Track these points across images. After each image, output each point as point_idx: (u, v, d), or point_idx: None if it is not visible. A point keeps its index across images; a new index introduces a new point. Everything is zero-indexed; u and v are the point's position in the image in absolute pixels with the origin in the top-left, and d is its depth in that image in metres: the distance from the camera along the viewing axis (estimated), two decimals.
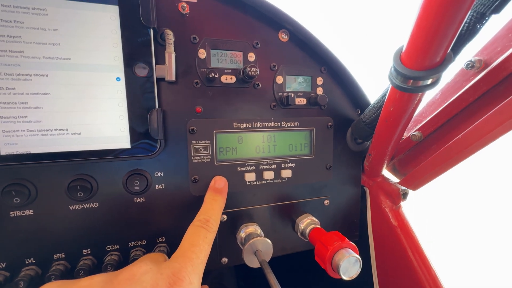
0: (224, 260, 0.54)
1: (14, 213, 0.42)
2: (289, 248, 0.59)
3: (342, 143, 0.61)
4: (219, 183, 0.49)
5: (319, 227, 0.54)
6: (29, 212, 0.42)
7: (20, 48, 0.37)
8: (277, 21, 0.52)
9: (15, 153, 0.38)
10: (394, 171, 0.63)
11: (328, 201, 0.61)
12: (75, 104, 0.40)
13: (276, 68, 0.53)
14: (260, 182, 0.54)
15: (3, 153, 0.37)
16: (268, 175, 0.54)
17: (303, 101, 0.56)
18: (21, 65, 0.37)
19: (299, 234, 0.57)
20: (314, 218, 0.58)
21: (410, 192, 0.58)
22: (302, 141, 0.57)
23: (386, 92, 0.46)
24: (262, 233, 0.54)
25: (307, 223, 0.56)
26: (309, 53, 0.55)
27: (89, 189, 0.44)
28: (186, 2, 0.46)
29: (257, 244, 0.48)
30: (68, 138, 0.40)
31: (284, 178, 0.56)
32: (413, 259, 0.55)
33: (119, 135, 0.42)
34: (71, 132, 0.40)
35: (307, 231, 0.55)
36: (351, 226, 0.65)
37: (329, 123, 0.58)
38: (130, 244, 0.48)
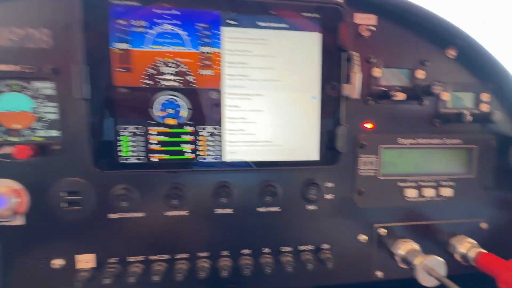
0: (379, 273, 0.55)
1: (218, 211, 0.49)
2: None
3: (506, 163, 0.57)
4: None
5: (486, 251, 0.51)
6: (228, 210, 0.49)
7: (246, 72, 0.44)
8: (446, 37, 0.51)
9: (234, 160, 0.45)
10: None
11: (485, 224, 0.57)
12: (280, 119, 0.45)
13: (442, 84, 0.53)
14: (419, 199, 0.54)
15: (226, 159, 0.45)
16: (428, 192, 0.53)
17: (468, 119, 0.54)
18: (245, 87, 0.44)
19: (457, 256, 0.54)
20: (473, 241, 0.54)
21: None
22: (463, 159, 0.55)
23: None
24: (421, 251, 0.53)
25: (468, 246, 0.53)
26: (478, 68, 0.54)
27: (276, 193, 0.49)
28: (367, 25, 0.49)
29: (430, 263, 0.47)
30: (272, 150, 0.46)
31: (443, 196, 0.54)
32: None
33: (310, 148, 0.47)
34: (275, 144, 0.46)
35: (471, 254, 0.52)
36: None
37: (493, 142, 0.55)
38: (299, 247, 0.52)
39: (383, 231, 0.54)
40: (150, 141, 0.43)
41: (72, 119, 0.44)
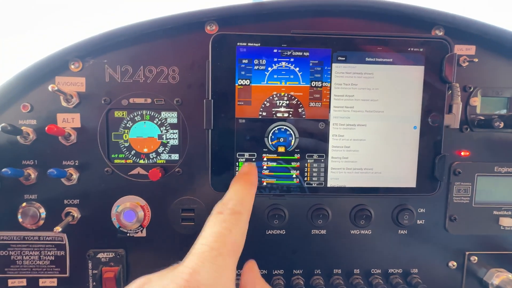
0: None
1: (314, 232, 0.52)
2: None
3: None
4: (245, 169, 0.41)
5: None
6: (323, 231, 0.52)
7: (351, 104, 0.46)
8: None
9: (336, 186, 0.48)
10: None
11: None
12: (381, 148, 0.47)
13: None
14: None
15: (329, 185, 0.48)
16: None
17: None
18: (350, 118, 0.47)
19: None
20: None
21: None
22: None
23: None
24: None
25: None
26: None
27: (369, 217, 0.51)
28: (468, 56, 0.50)
29: None
30: (371, 177, 0.48)
31: None
32: None
33: (408, 175, 0.48)
34: (375, 171, 0.48)
35: None
36: None
37: None
38: (389, 270, 0.53)
39: (474, 259, 0.53)
40: (263, 166, 0.47)
41: (190, 145, 0.49)
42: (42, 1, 0.86)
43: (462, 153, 0.51)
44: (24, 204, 0.49)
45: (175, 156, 0.50)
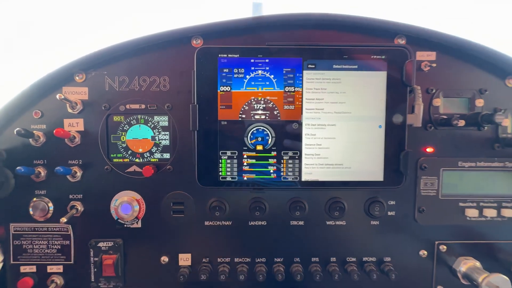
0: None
1: (292, 223, 0.57)
2: None
3: None
4: None
5: None
6: (301, 222, 0.57)
7: (322, 106, 0.52)
8: (505, 68, 0.55)
9: (309, 180, 0.53)
10: None
11: None
12: (349, 146, 0.53)
13: (502, 111, 0.56)
14: (480, 219, 0.57)
15: (303, 179, 0.53)
16: (489, 212, 0.56)
17: None
18: (320, 118, 0.52)
19: None
20: None
21: None
22: None
23: None
24: (483, 268, 0.56)
25: None
26: None
27: (343, 209, 0.56)
28: (429, 61, 0.55)
29: (494, 280, 0.50)
30: (342, 171, 0.53)
31: (505, 217, 0.57)
32: None
33: (376, 170, 0.53)
34: (345, 166, 0.53)
35: None
36: None
37: None
38: (363, 259, 0.58)
39: (443, 248, 0.57)
40: (244, 163, 0.52)
41: (179, 145, 0.56)
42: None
43: (428, 150, 0.56)
44: (35, 198, 0.55)
45: (167, 155, 0.56)
